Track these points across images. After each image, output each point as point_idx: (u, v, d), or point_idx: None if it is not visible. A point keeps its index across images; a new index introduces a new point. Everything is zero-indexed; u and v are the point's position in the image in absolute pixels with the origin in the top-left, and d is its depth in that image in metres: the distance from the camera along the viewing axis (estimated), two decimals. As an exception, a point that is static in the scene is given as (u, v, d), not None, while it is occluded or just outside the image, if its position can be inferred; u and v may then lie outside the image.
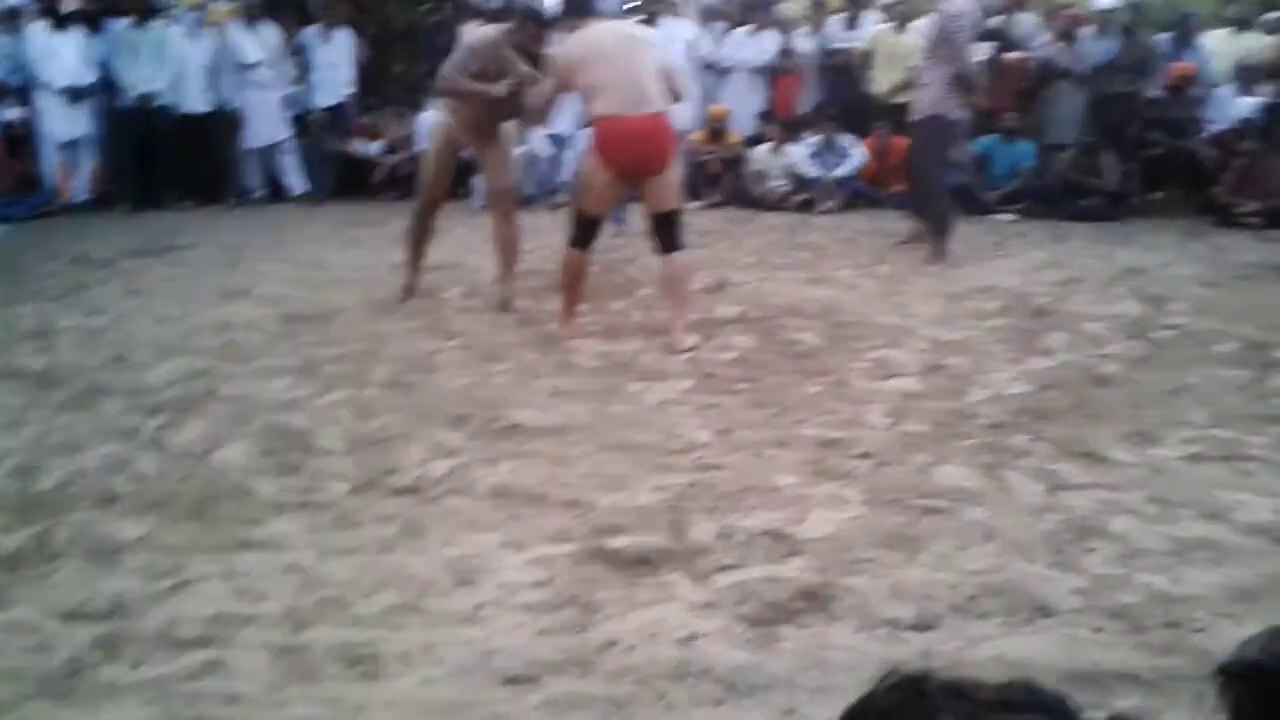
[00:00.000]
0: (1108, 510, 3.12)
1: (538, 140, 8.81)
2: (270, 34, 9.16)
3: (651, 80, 4.69)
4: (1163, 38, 9.24)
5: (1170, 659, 2.37)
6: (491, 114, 5.35)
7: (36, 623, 2.59)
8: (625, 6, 8.91)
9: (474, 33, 5.77)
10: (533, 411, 3.96)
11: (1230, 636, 2.42)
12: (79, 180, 8.70)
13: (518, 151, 5.92)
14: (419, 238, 5.72)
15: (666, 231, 4.85)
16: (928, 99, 6.64)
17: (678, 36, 9.11)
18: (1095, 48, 9.16)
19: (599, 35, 4.80)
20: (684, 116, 7.63)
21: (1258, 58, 9.00)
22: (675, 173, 4.92)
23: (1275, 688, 0.88)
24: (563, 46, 4.99)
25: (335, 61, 9.48)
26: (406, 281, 5.79)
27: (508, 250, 5.63)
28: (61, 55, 8.52)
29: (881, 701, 0.61)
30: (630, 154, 4.69)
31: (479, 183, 9.12)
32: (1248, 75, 8.93)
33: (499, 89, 5.13)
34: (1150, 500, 3.19)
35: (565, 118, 8.27)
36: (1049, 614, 2.56)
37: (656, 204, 4.84)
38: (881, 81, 9.22)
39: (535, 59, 5.24)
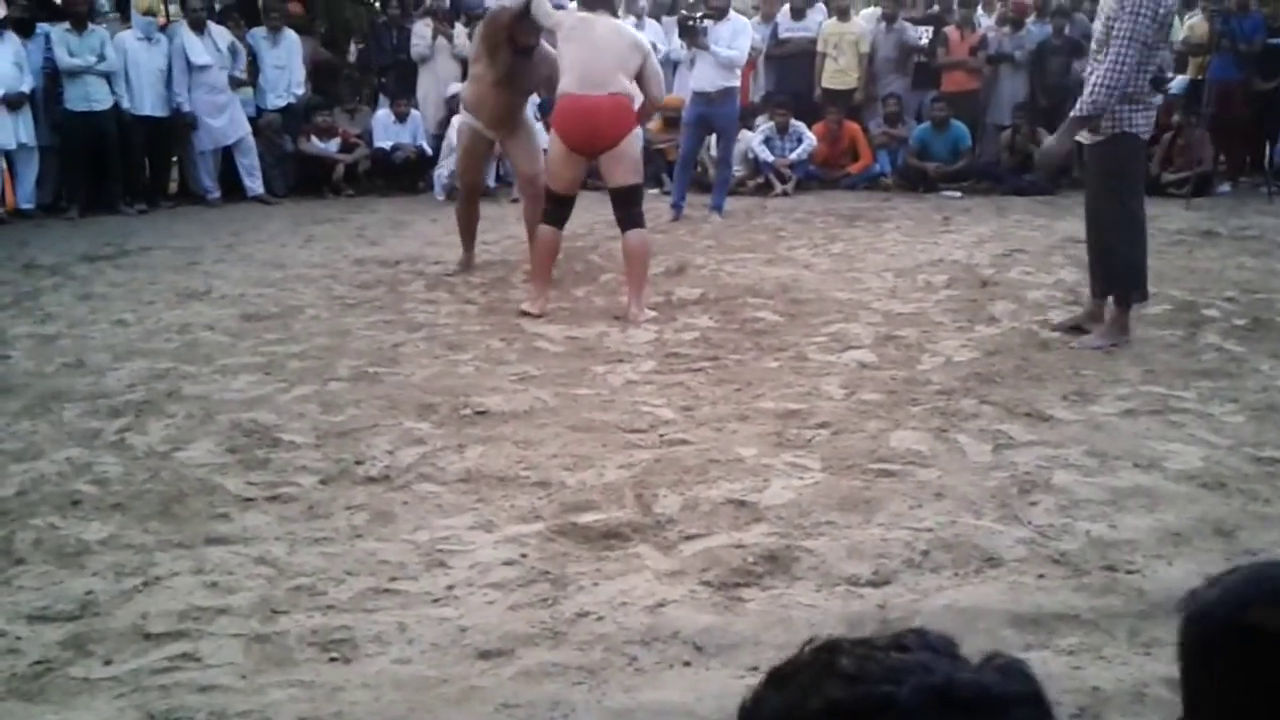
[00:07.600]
0: (1050, 465, 3.25)
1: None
2: (220, 36, 9.16)
3: (613, 68, 5.01)
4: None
5: (1107, 599, 2.50)
6: (511, 108, 5.88)
7: (1, 627, 2.51)
8: None
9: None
10: (499, 397, 3.99)
11: (1162, 576, 2.58)
12: (24, 188, 8.56)
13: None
14: (467, 221, 6.45)
15: (624, 208, 5.21)
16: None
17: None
18: (1034, 31, 9.56)
19: (583, 19, 5.19)
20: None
21: (1186, 37, 9.33)
22: (630, 151, 5.17)
23: (1231, 635, 0.86)
24: (564, 14, 5.35)
25: (283, 63, 9.57)
26: (464, 257, 6.49)
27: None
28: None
29: (802, 658, 0.72)
30: (578, 129, 5.03)
31: (438, 176, 9.18)
32: (1178, 54, 9.25)
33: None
34: (1089, 454, 3.33)
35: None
36: (996, 564, 2.68)
37: (611, 179, 5.22)
38: (831, 72, 9.52)
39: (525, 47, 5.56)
